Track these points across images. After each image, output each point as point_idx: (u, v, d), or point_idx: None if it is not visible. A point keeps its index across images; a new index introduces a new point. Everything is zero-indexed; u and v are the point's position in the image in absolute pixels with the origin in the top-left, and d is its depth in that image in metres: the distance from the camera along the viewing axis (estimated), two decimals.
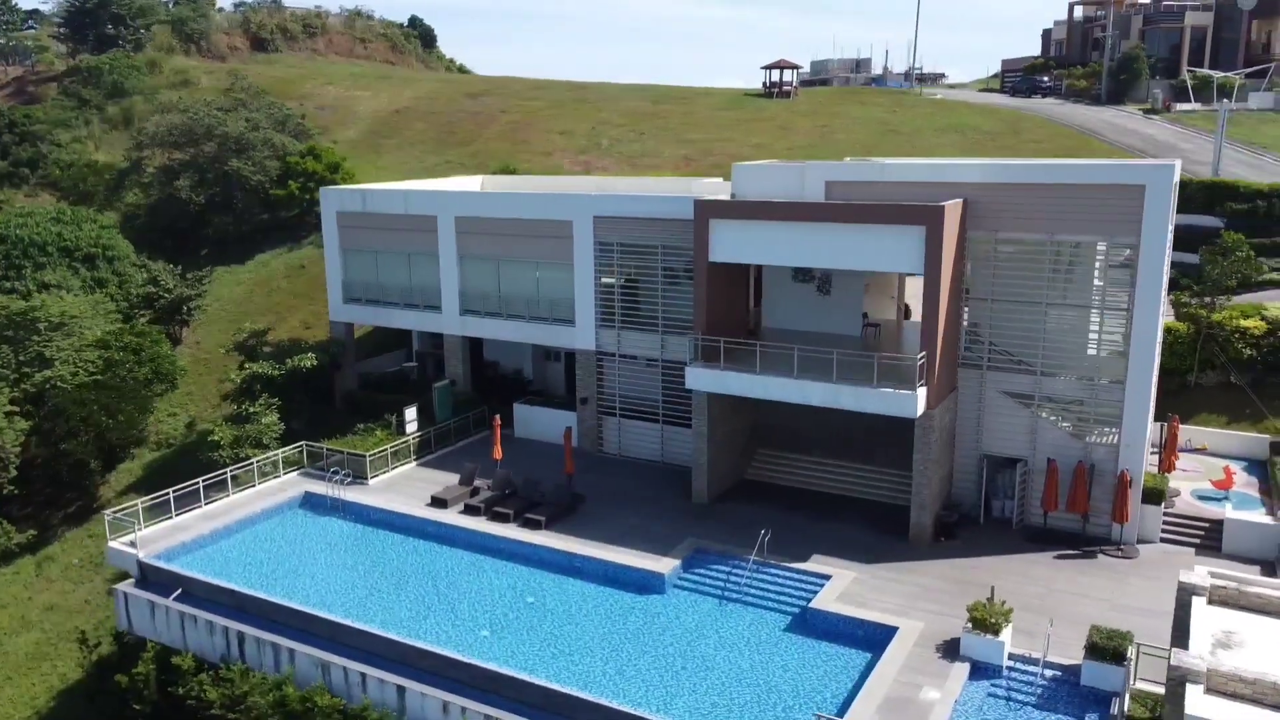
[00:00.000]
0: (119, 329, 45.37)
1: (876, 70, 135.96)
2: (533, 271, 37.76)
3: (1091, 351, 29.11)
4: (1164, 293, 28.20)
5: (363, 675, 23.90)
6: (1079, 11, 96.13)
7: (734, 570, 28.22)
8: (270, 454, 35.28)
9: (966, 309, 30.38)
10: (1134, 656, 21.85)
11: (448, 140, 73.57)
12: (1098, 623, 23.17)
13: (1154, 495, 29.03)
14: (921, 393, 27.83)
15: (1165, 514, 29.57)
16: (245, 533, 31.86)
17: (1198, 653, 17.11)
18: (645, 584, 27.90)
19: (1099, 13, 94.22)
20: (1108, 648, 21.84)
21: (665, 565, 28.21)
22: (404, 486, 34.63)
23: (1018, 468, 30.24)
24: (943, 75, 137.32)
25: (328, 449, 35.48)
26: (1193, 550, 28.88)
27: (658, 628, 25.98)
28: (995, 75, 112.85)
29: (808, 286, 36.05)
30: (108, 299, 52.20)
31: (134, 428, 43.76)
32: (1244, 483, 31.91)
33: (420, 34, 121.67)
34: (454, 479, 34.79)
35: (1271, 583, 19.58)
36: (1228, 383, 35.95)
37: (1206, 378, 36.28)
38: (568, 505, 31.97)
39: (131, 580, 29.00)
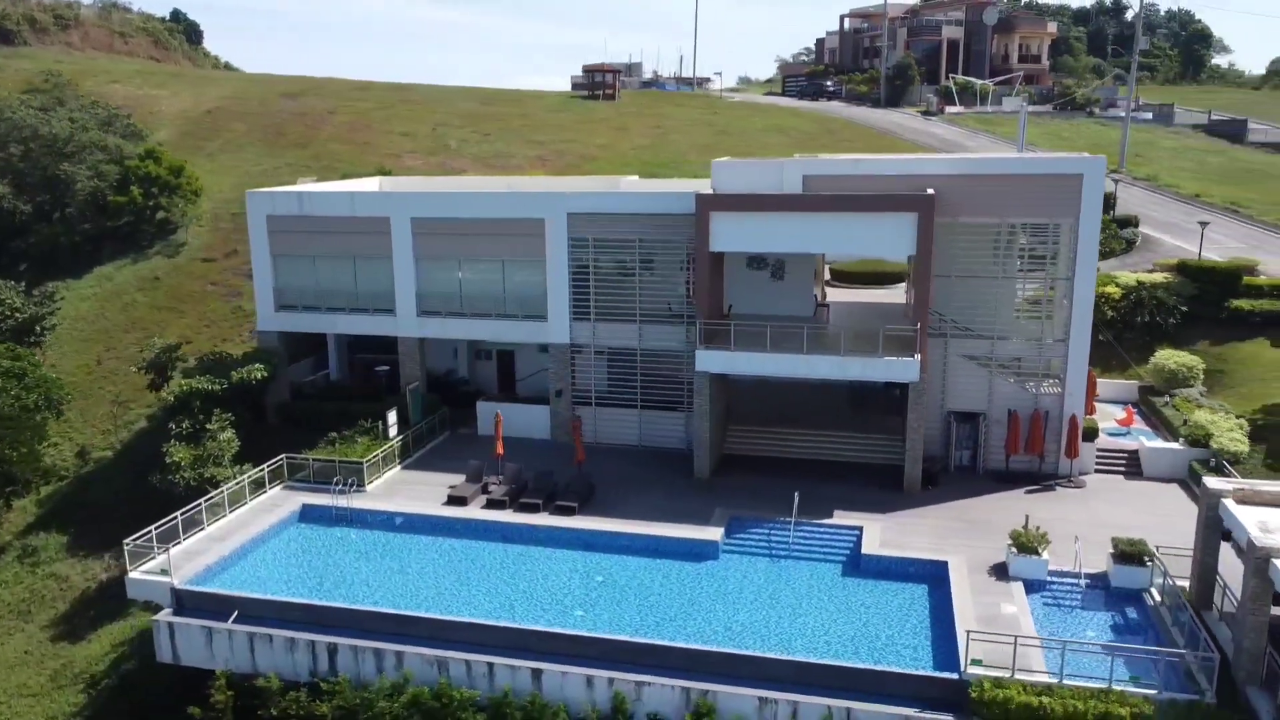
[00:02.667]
0: None
1: (647, 75, 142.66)
2: (499, 270, 38.28)
3: (1037, 315, 34.32)
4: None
5: (489, 665, 24.28)
6: (848, 24, 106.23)
7: (773, 531, 30.83)
8: (256, 470, 33.68)
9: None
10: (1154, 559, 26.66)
11: (279, 142, 70.28)
12: (1086, 538, 28.01)
13: (1090, 434, 34.72)
14: (918, 359, 31.77)
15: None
16: (260, 550, 30.51)
17: (1260, 534, 21.82)
18: (699, 552, 29.90)
19: (865, 25, 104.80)
20: (1133, 553, 26.60)
21: (713, 533, 30.35)
22: (404, 490, 34.27)
23: (980, 420, 35.01)
24: (709, 80, 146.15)
25: (314, 459, 34.37)
26: (1122, 476, 34.88)
27: (733, 588, 28.13)
28: (758, 80, 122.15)
29: (762, 273, 39.25)
30: None
31: (38, 460, 39.62)
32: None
33: (185, 29, 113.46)
34: (448, 479, 34.79)
35: (1274, 483, 24.91)
36: (1096, 339, 42.81)
37: None
38: (586, 492, 33.17)
39: (168, 610, 27.18)
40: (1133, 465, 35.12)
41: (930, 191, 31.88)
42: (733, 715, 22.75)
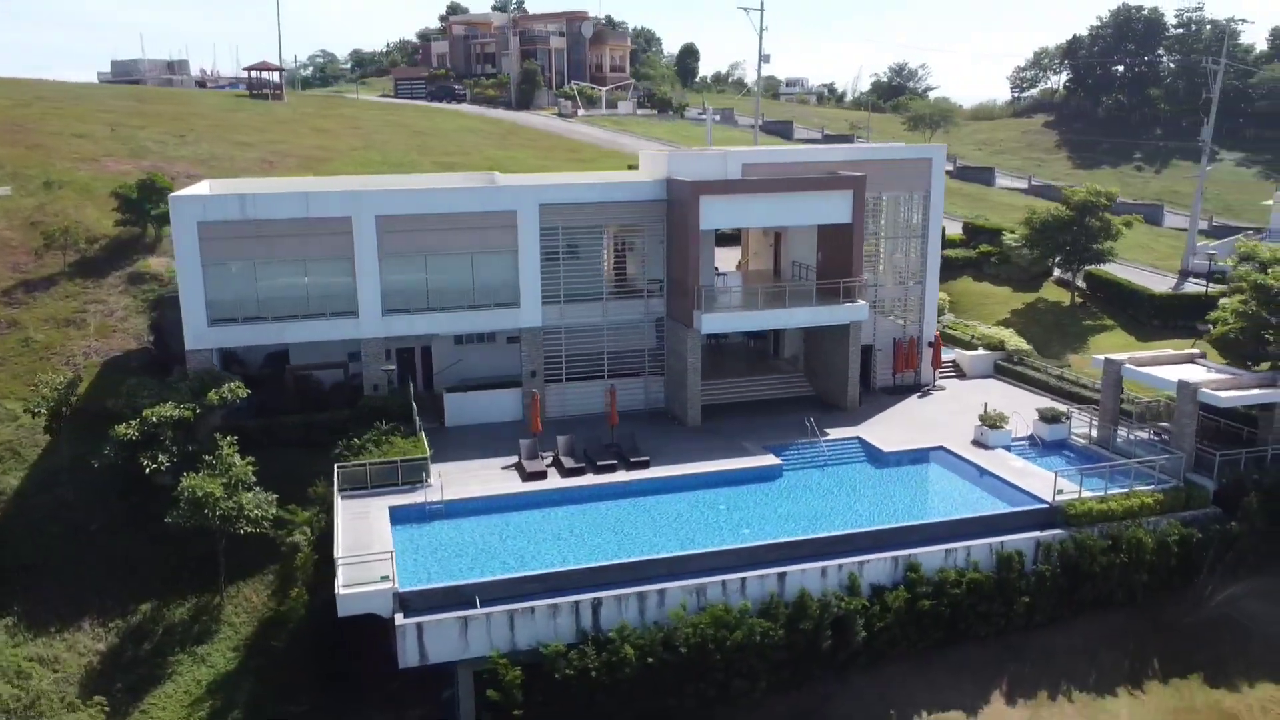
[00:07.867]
0: None
1: (195, 73, 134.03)
2: (469, 263, 39.44)
3: (901, 264, 45.31)
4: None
5: (742, 580, 28.32)
6: (456, 29, 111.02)
7: (800, 451, 37.82)
8: (324, 482, 32.04)
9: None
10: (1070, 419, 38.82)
11: None
12: (972, 419, 39.29)
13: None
14: (865, 304, 40.89)
15: None
16: (400, 552, 29.96)
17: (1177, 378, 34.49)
18: (767, 475, 35.94)
19: (472, 31, 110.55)
20: (1054, 416, 38.50)
21: (770, 459, 36.52)
22: (459, 478, 34.59)
23: (872, 351, 45.12)
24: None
25: (370, 465, 33.44)
26: (956, 379, 47.38)
27: (820, 492, 34.83)
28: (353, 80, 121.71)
29: None
30: None
31: None
32: None
33: None
34: (484, 463, 36.08)
35: (1153, 351, 38.32)
36: None
37: None
38: (637, 449, 36.97)
39: (400, 615, 26.48)
40: (958, 371, 47.91)
41: (862, 174, 40.88)
42: (934, 569, 29.84)
